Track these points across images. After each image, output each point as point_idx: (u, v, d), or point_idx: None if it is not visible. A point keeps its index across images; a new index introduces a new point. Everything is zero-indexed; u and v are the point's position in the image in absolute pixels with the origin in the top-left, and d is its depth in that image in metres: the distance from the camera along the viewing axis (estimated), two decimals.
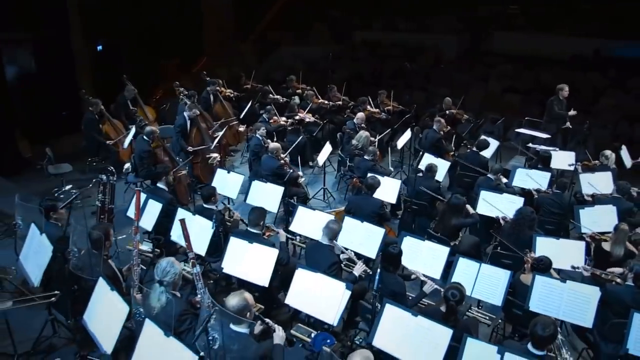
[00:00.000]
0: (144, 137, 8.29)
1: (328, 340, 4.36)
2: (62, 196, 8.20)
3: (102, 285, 4.00)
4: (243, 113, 10.55)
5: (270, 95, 11.65)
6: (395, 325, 4.00)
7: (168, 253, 6.05)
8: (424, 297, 4.92)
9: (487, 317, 4.97)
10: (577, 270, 5.33)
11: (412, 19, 18.08)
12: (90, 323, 3.94)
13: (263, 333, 3.97)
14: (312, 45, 17.39)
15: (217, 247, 5.67)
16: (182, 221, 4.65)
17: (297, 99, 11.12)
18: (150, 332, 3.47)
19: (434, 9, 17.95)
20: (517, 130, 9.73)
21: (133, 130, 8.94)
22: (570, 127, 9.52)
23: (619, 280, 5.00)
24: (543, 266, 4.98)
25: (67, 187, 8.57)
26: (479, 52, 16.41)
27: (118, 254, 6.14)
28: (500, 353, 3.65)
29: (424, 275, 5.13)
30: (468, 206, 6.53)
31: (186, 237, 4.63)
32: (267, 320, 3.99)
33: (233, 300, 3.64)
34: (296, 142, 8.88)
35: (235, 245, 5.04)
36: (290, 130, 10.17)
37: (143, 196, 5.99)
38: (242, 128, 10.71)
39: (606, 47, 14.58)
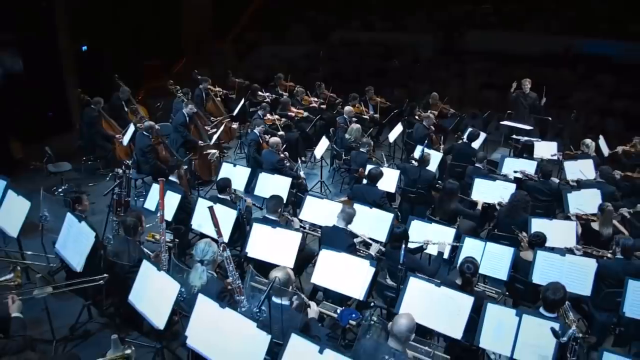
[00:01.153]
0: (144, 132, 8.50)
1: (353, 315, 4.70)
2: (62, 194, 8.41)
3: (147, 267, 4.27)
4: (237, 110, 10.79)
5: (260, 92, 11.90)
6: (419, 296, 4.39)
7: (181, 244, 6.33)
8: (442, 257, 5.40)
9: (494, 292, 5.39)
10: (569, 251, 5.77)
11: (388, 18, 18.52)
12: (138, 303, 4.20)
13: (299, 307, 4.28)
14: (290, 45, 17.67)
15: (232, 235, 5.95)
16: (211, 208, 4.95)
17: (284, 97, 11.44)
18: (205, 305, 3.77)
19: (408, 9, 18.42)
20: (501, 122, 10.24)
21: (132, 128, 9.12)
22: (550, 119, 10.10)
23: (609, 255, 5.49)
24: (540, 240, 5.46)
25: (66, 186, 8.71)
26: (454, 51, 16.96)
27: None
28: (518, 315, 4.07)
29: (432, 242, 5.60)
30: (478, 199, 6.98)
31: (216, 223, 4.92)
32: (303, 295, 4.31)
33: (277, 274, 3.95)
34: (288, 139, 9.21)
35: (259, 230, 5.34)
36: (282, 127, 10.45)
37: (156, 187, 6.22)
38: (234, 125, 10.96)
39: (575, 44, 15.26)
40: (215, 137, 9.21)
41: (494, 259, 5.40)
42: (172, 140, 9.35)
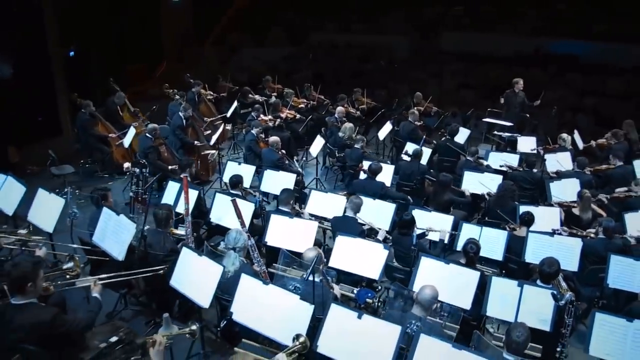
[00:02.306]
0: (147, 134, 8.83)
1: (369, 294, 5.21)
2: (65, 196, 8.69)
3: (187, 253, 4.69)
4: (230, 112, 11.19)
5: (250, 95, 12.31)
6: (431, 273, 4.91)
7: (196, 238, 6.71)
8: (443, 243, 5.96)
9: (490, 272, 5.94)
10: (557, 232, 6.37)
11: (363, 20, 19.04)
12: (181, 286, 4.62)
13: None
14: (270, 47, 18.10)
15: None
16: (234, 201, 5.41)
17: (273, 99, 11.91)
18: (248, 283, 4.22)
19: (383, 11, 18.99)
20: (484, 119, 10.90)
21: (133, 130, 9.44)
22: (527, 115, 10.81)
23: (592, 235, 6.12)
24: (530, 217, 6.10)
25: (69, 188, 8.97)
26: (430, 52, 17.60)
27: None
28: (519, 286, 4.63)
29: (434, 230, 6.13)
30: (465, 188, 7.57)
31: (239, 214, 5.38)
32: (328, 277, 4.79)
33: (311, 253, 4.43)
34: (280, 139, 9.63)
35: (277, 221, 5.79)
36: (274, 128, 10.89)
37: (176, 185, 6.63)
38: (228, 127, 11.35)
39: (543, 45, 16.07)
40: (214, 137, 9.59)
41: (489, 241, 5.95)
42: (170, 142, 9.67)
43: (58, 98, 11.77)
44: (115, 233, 5.08)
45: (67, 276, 4.32)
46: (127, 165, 9.38)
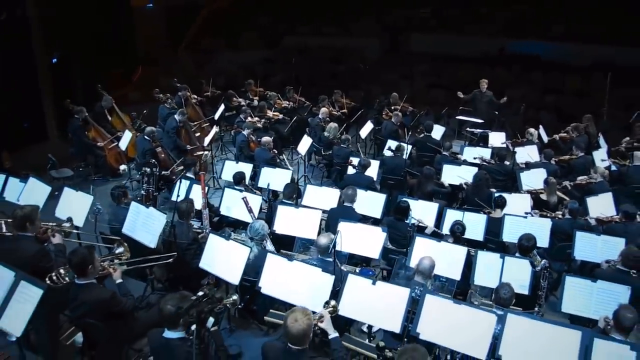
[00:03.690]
0: (145, 137, 9.34)
1: (370, 272, 5.95)
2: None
3: (215, 239, 5.35)
4: (218, 114, 11.75)
5: (234, 98, 12.86)
6: (424, 250, 5.62)
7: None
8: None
9: (473, 251, 6.72)
10: (528, 215, 7.18)
11: (334, 23, 19.69)
12: (210, 267, 5.28)
13: None
14: (245, 51, 18.59)
15: None
16: (245, 198, 6.07)
17: (255, 102, 12.52)
18: (274, 261, 4.89)
19: (354, 14, 19.69)
20: (457, 117, 11.77)
21: (129, 133, 9.93)
22: (496, 113, 11.73)
23: (560, 216, 6.97)
24: (503, 201, 6.94)
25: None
26: (401, 53, 18.40)
27: None
28: (501, 258, 5.42)
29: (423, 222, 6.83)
30: (443, 180, 8.35)
31: (250, 209, 6.04)
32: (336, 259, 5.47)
33: (324, 239, 5.11)
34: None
35: (284, 211, 6.45)
36: (260, 129, 11.49)
37: (185, 182, 7.20)
38: (216, 129, 11.89)
39: (507, 45, 16.97)
40: (208, 139, 10.15)
41: (471, 224, 6.66)
42: (164, 144, 10.17)
43: (44, 104, 12.11)
44: (145, 224, 5.67)
45: (117, 260, 4.85)
46: (123, 167, 9.97)
